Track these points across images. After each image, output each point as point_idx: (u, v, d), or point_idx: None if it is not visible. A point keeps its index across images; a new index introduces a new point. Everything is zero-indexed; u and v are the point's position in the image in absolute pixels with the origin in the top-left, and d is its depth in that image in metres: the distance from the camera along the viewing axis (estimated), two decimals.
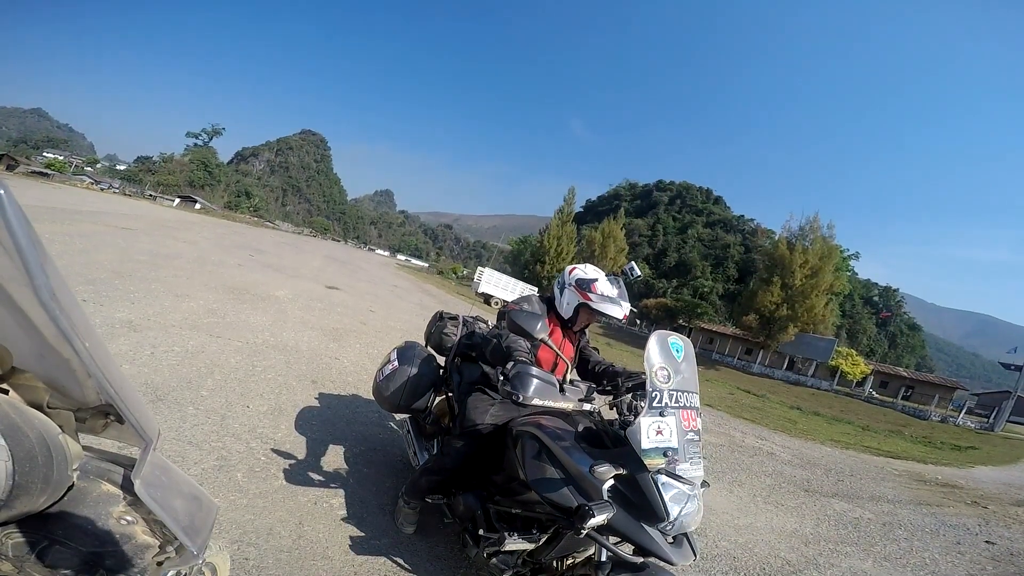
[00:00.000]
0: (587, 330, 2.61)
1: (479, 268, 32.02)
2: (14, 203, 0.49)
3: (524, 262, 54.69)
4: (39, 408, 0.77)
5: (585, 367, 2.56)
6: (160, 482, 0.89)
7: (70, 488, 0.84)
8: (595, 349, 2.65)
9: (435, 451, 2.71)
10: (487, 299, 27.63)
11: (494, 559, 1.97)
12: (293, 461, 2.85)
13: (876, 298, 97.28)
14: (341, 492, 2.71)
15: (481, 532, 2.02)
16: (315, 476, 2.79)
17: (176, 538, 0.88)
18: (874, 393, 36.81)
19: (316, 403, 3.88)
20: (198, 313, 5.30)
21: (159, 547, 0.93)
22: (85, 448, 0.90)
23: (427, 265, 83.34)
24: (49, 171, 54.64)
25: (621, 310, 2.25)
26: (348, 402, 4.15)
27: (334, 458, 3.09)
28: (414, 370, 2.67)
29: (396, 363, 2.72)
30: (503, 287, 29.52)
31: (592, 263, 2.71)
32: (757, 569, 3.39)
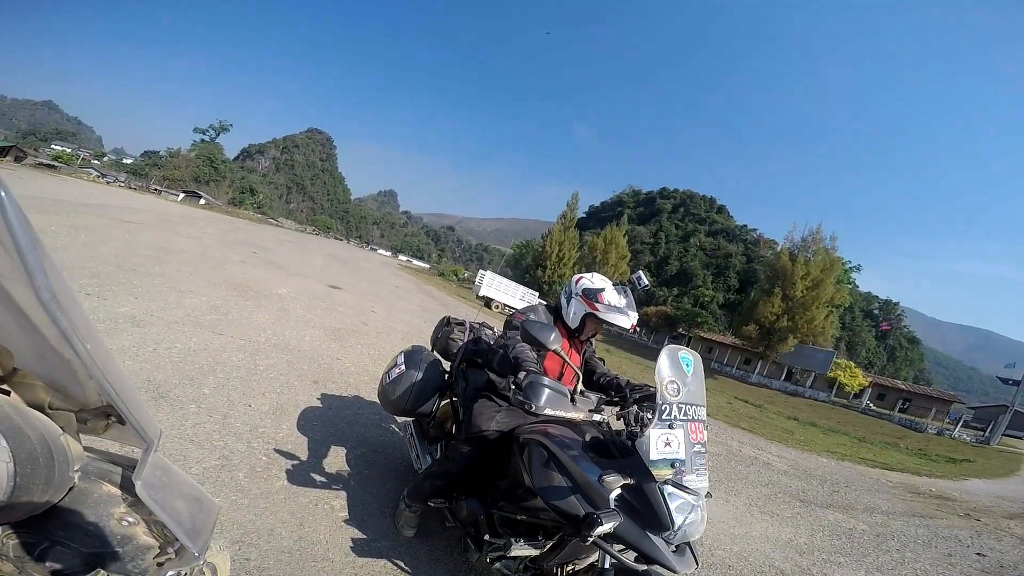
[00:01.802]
0: (593, 339, 2.59)
1: (480, 271, 32.01)
2: (14, 203, 0.48)
3: (525, 266, 54.61)
4: (40, 409, 0.76)
5: (590, 378, 2.52)
6: (161, 483, 0.88)
7: (71, 489, 0.83)
8: (600, 360, 2.62)
9: (438, 455, 2.70)
10: (487, 302, 27.60)
11: (497, 564, 1.97)
12: (295, 462, 2.84)
13: (876, 311, 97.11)
14: (342, 494, 2.70)
15: (486, 537, 2.01)
16: (317, 477, 2.78)
17: (177, 539, 0.87)
18: (871, 405, 36.68)
19: (318, 403, 3.86)
20: (201, 309, 5.29)
21: (160, 548, 0.92)
22: (86, 449, 0.89)
23: (428, 266, 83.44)
24: (56, 163, 54.76)
25: (628, 320, 2.23)
26: (350, 403, 4.14)
27: (335, 459, 3.07)
28: (420, 374, 2.66)
29: (403, 367, 2.71)
30: (504, 291, 29.49)
31: (594, 269, 2.70)
32: None
